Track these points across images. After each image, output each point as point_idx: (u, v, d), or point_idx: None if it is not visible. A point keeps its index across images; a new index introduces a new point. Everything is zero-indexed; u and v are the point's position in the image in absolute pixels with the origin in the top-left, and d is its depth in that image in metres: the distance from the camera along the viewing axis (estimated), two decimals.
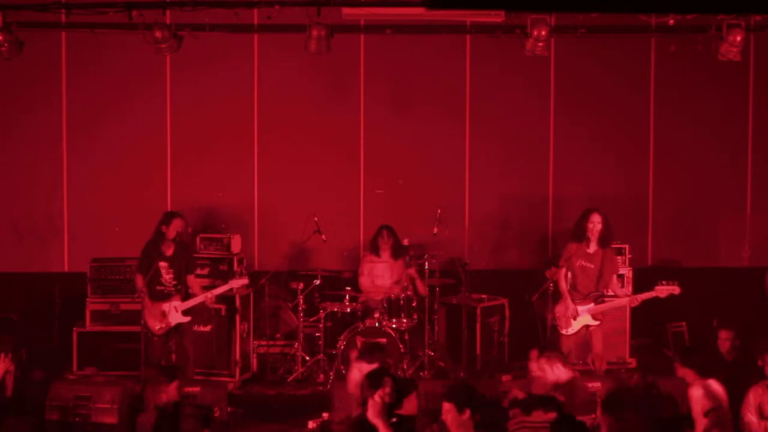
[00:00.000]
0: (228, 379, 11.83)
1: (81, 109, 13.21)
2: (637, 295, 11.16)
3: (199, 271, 11.94)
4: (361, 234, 13.41)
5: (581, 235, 11.16)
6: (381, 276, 12.42)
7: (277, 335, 12.68)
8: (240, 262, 12.32)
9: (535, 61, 12.12)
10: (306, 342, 12.26)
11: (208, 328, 12.03)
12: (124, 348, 12.10)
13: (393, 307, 11.93)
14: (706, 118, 13.62)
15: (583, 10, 10.45)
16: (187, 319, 11.23)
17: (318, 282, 12.41)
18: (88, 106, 13.22)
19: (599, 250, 11.18)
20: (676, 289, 10.93)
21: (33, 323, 12.61)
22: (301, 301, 12.21)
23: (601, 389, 10.74)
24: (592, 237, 11.14)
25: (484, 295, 12.57)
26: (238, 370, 12.04)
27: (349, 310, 12.10)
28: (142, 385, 10.94)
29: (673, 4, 8.85)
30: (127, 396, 10.70)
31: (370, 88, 13.41)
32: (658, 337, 12.85)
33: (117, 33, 11.44)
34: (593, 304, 11.17)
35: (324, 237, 12.36)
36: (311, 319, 12.32)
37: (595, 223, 11.10)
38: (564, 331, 11.22)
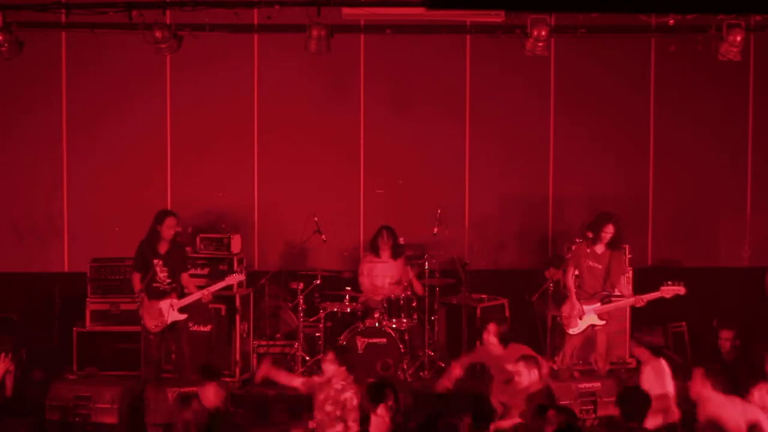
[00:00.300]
0: (228, 379, 11.81)
1: (81, 109, 13.21)
2: (643, 295, 11.15)
3: (199, 271, 11.94)
4: (361, 234, 13.41)
5: (594, 239, 11.20)
6: (381, 276, 12.42)
7: (277, 335, 12.68)
8: (240, 262, 12.31)
9: (535, 61, 12.12)
10: (306, 342, 12.26)
11: (208, 328, 12.02)
12: (124, 348, 12.10)
13: (393, 307, 11.94)
14: (706, 118, 13.61)
15: (583, 10, 10.46)
16: (183, 316, 11.22)
17: (318, 282, 12.41)
18: (88, 106, 13.22)
19: (607, 252, 11.21)
20: (682, 290, 10.94)
21: (33, 323, 12.60)
22: (301, 301, 12.20)
23: (601, 389, 10.79)
24: (603, 241, 11.19)
25: (484, 295, 12.58)
26: (238, 370, 12.04)
27: (349, 310, 12.10)
28: (142, 385, 10.96)
29: (673, 4, 8.87)
30: (127, 396, 10.73)
31: (370, 88, 13.40)
32: (658, 337, 12.84)
33: (117, 33, 11.44)
34: (600, 304, 11.18)
35: (324, 237, 12.36)
36: (311, 319, 12.32)
37: (608, 232, 11.17)
38: (570, 331, 11.23)
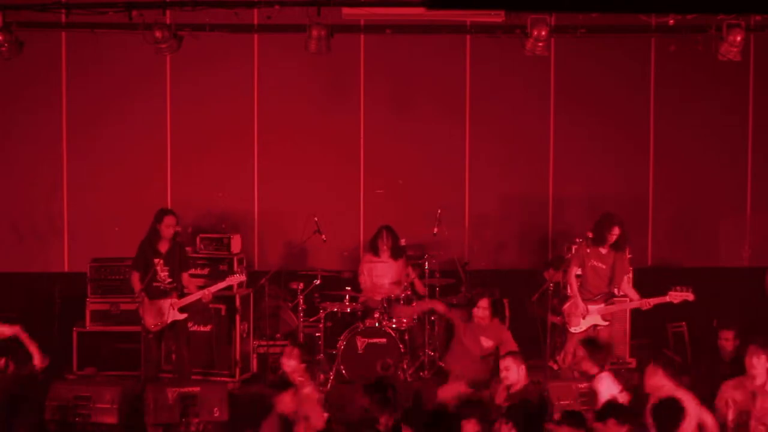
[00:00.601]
0: (228, 379, 11.82)
1: (81, 109, 13.22)
2: (650, 299, 11.11)
3: (199, 271, 11.94)
4: (361, 234, 13.41)
5: (600, 241, 11.18)
6: (380, 276, 12.42)
7: (277, 335, 12.66)
8: (240, 262, 12.32)
9: (535, 61, 12.11)
10: (306, 342, 12.26)
11: (208, 328, 12.03)
12: (124, 348, 12.10)
13: (393, 307, 11.93)
14: (706, 118, 13.61)
15: (583, 10, 10.45)
16: (183, 316, 11.21)
17: (318, 282, 12.41)
18: (88, 106, 13.22)
19: (611, 252, 11.20)
20: (690, 296, 10.89)
21: (33, 323, 12.56)
22: (301, 301, 12.21)
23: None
24: (608, 242, 11.18)
25: None
26: (238, 370, 12.04)
27: (349, 310, 12.11)
28: (142, 385, 10.95)
29: (673, 4, 8.87)
30: (127, 396, 10.72)
31: (370, 88, 13.40)
32: (658, 337, 12.84)
33: (117, 33, 11.43)
34: (604, 305, 11.18)
35: (324, 237, 12.36)
36: (311, 319, 12.32)
37: (615, 234, 11.15)
38: (572, 329, 11.22)
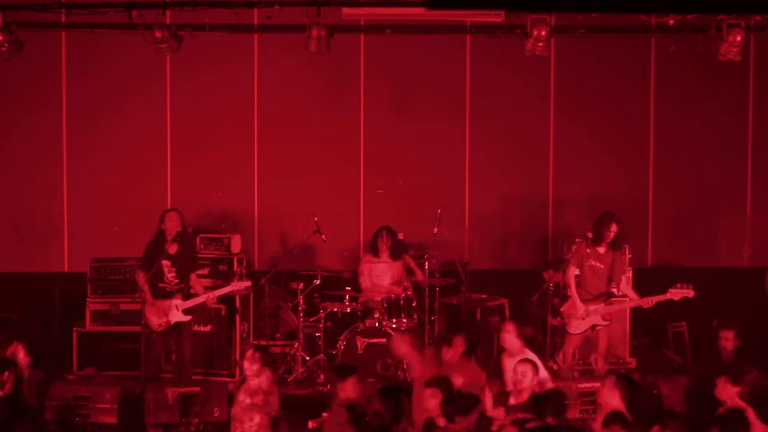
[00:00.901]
0: (228, 379, 11.82)
1: (81, 109, 13.22)
2: (651, 297, 11.11)
3: (200, 272, 11.94)
4: (361, 234, 13.41)
5: (598, 240, 11.17)
6: (380, 276, 12.41)
7: (277, 335, 12.68)
8: (240, 262, 12.32)
9: (535, 61, 12.12)
10: (306, 342, 12.25)
11: (208, 328, 12.02)
12: (124, 348, 12.09)
13: (393, 307, 11.93)
14: (706, 118, 13.61)
15: (583, 10, 10.44)
16: (187, 318, 11.21)
17: (318, 282, 12.40)
18: (88, 106, 13.23)
19: (609, 251, 11.19)
20: (691, 293, 10.88)
21: (33, 323, 12.60)
22: (301, 301, 12.20)
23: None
24: (606, 240, 11.17)
25: (484, 295, 12.57)
26: (238, 370, 12.03)
27: (349, 310, 12.10)
28: (142, 385, 10.96)
29: (673, 4, 8.85)
30: (127, 396, 10.72)
31: (370, 88, 13.41)
32: (658, 337, 12.85)
33: (117, 33, 11.44)
34: (603, 305, 11.17)
35: (324, 237, 12.36)
36: (311, 319, 12.31)
37: (613, 231, 11.14)
38: (571, 330, 11.21)
